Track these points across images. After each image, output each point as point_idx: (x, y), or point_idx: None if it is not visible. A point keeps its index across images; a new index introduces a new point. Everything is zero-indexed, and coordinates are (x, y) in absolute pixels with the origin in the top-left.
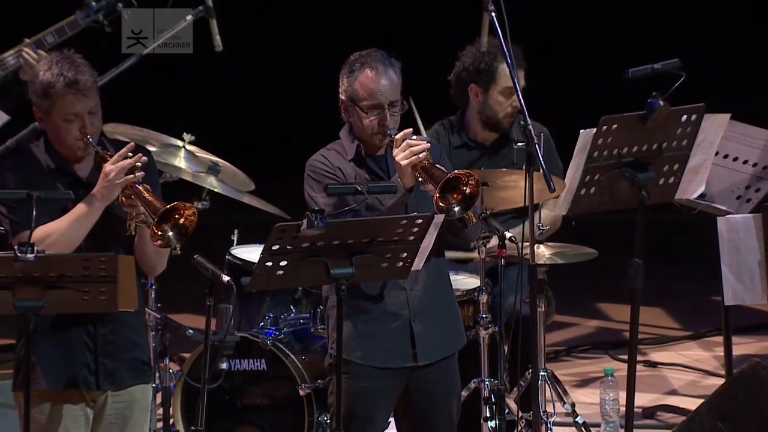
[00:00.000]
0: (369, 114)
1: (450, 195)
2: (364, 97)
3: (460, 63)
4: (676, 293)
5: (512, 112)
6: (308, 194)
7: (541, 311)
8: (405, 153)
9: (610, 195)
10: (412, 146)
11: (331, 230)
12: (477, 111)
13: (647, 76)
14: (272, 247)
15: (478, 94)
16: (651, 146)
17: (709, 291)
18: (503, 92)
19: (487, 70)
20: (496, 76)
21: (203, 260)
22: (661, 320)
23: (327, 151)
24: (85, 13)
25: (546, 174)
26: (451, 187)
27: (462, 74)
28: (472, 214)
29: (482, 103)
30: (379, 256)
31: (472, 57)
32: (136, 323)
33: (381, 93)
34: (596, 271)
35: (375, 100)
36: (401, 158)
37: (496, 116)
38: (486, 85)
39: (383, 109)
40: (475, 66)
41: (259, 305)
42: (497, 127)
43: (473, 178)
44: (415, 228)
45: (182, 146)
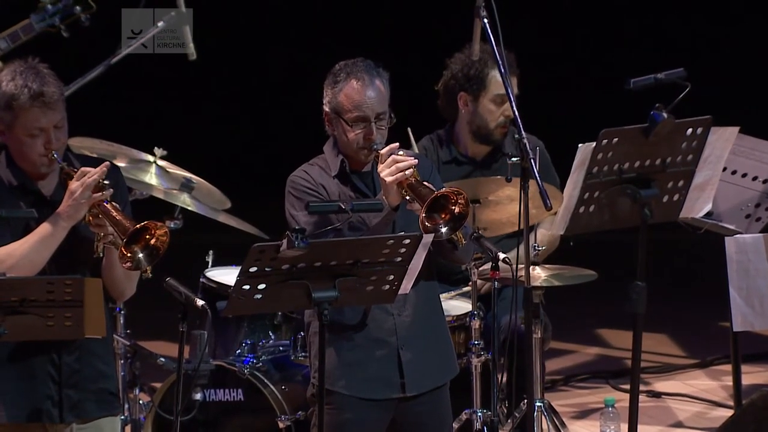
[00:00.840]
0: (354, 127)
1: (437, 215)
2: (349, 109)
3: (448, 71)
4: (682, 318)
5: (504, 122)
6: (289, 212)
7: (537, 337)
8: (390, 170)
9: (611, 213)
10: (398, 162)
11: (313, 251)
12: (467, 121)
13: (650, 87)
14: (250, 269)
15: (468, 102)
16: (654, 161)
17: (716, 316)
18: (494, 100)
19: (477, 77)
20: (487, 83)
21: (176, 283)
22: (665, 347)
23: (309, 167)
24: (41, 17)
25: (542, 191)
26: (438, 207)
27: (450, 83)
28: (462, 235)
29: (472, 113)
30: (364, 278)
31: (461, 64)
32: (104, 351)
33: (367, 105)
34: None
35: (361, 112)
36: (386, 175)
37: (486, 126)
38: (476, 93)
39: (369, 122)
40: (464, 73)
41: (236, 331)
42: (488, 138)
43: (462, 197)
44: (402, 249)
45: (153, 161)
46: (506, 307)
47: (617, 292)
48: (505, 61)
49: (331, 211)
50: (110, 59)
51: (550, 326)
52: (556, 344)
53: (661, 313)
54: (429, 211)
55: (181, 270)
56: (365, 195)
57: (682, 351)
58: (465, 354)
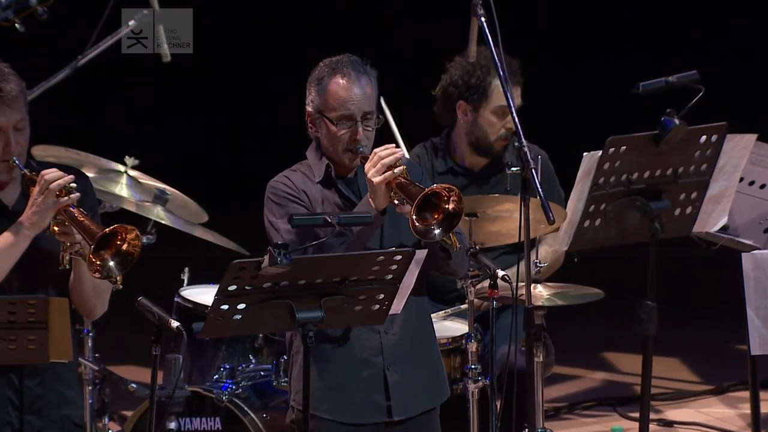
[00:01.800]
0: (339, 127)
1: (429, 214)
2: (334, 107)
3: (448, 76)
4: (695, 341)
5: (506, 134)
6: (268, 221)
7: (538, 361)
8: (377, 168)
9: (619, 228)
10: (383, 158)
11: (297, 268)
12: (465, 132)
13: (660, 91)
14: (228, 287)
15: (467, 112)
16: (665, 171)
17: (733, 338)
18: (496, 112)
19: (479, 86)
20: (489, 93)
21: (148, 303)
22: (677, 372)
23: (291, 173)
24: None
25: (544, 203)
26: (430, 206)
27: (449, 89)
28: (456, 239)
29: (471, 123)
30: (352, 298)
31: (462, 70)
32: (69, 376)
33: (353, 102)
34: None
35: (346, 110)
36: (373, 174)
37: (486, 139)
38: (476, 103)
39: (355, 121)
40: (465, 80)
41: (213, 355)
42: (487, 151)
43: (455, 194)
44: (393, 265)
45: (124, 171)
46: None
47: (625, 313)
48: (504, 65)
49: (316, 224)
50: (77, 61)
51: (553, 349)
52: (560, 369)
53: (673, 335)
54: (420, 211)
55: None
56: (351, 202)
57: (695, 376)
58: (461, 379)
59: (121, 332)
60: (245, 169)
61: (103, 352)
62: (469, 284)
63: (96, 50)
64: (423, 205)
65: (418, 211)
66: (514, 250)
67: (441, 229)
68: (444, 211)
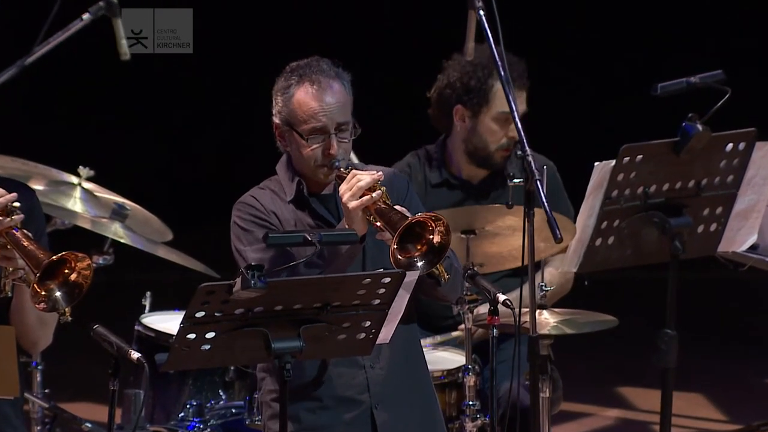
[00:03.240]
0: (310, 141)
1: (412, 245)
2: (304, 120)
3: (445, 76)
4: (721, 374)
5: (507, 144)
6: (235, 248)
7: (544, 397)
8: (353, 191)
9: (634, 247)
10: (360, 181)
11: (273, 292)
12: (462, 139)
13: (681, 93)
14: (196, 313)
15: (465, 118)
16: (686, 183)
17: (763, 372)
18: (498, 118)
19: (479, 89)
20: (490, 97)
21: (105, 331)
22: (701, 409)
23: (259, 191)
24: None
25: (551, 219)
26: (413, 236)
27: (446, 91)
28: (444, 270)
29: (469, 130)
30: (335, 325)
31: (461, 70)
32: (14, 414)
33: (325, 113)
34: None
35: (317, 122)
36: (348, 198)
37: (485, 148)
38: (476, 108)
39: (328, 134)
40: (464, 82)
41: (179, 390)
42: (486, 162)
43: (442, 224)
44: (381, 289)
45: (78, 184)
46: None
47: (642, 342)
48: (505, 64)
49: (294, 243)
50: (24, 59)
51: (561, 383)
52: (568, 405)
53: (696, 367)
54: (402, 242)
55: (112, 315)
56: (327, 223)
57: (721, 414)
58: (458, 417)
59: (74, 365)
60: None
61: (53, 388)
62: (466, 310)
63: (46, 47)
64: (405, 235)
65: (399, 241)
66: (517, 272)
67: (425, 262)
68: (428, 242)
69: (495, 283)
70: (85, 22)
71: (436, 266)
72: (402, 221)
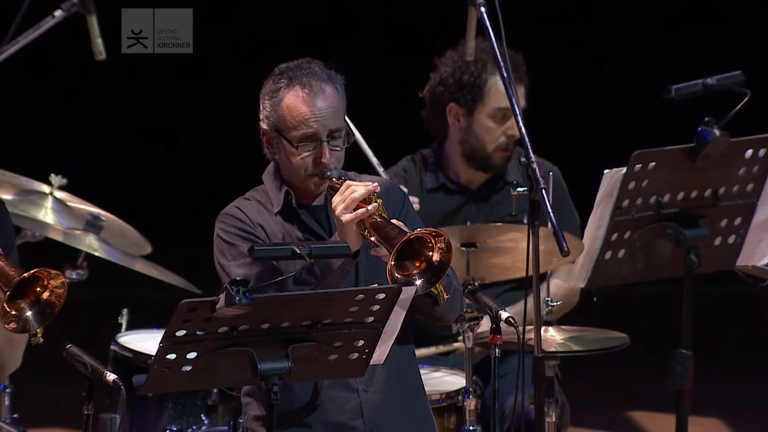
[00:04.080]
0: (301, 149)
1: (410, 263)
2: (293, 126)
3: (437, 74)
4: (740, 397)
5: (507, 143)
6: (218, 262)
7: (550, 421)
8: (346, 203)
9: (646, 260)
10: (354, 192)
11: (260, 309)
12: (458, 140)
13: (697, 95)
14: (176, 332)
15: (460, 116)
16: (703, 192)
17: None
18: (493, 115)
19: (473, 84)
20: (485, 93)
21: (79, 352)
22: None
23: (245, 202)
24: None
25: (557, 231)
26: (412, 252)
27: (438, 89)
28: (443, 289)
29: (464, 130)
30: (326, 344)
31: (453, 66)
32: None
33: (316, 119)
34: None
35: (308, 128)
36: (342, 211)
37: (483, 148)
38: (470, 105)
39: (320, 141)
40: (456, 78)
41: (158, 415)
42: (485, 163)
43: (443, 240)
44: (375, 306)
45: (49, 193)
46: (510, 384)
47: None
48: (508, 63)
49: (282, 256)
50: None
51: (568, 407)
52: (576, 430)
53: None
54: (399, 258)
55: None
56: (317, 236)
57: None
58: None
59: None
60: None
61: (23, 412)
62: (466, 328)
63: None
64: (403, 251)
65: (396, 258)
66: (521, 287)
67: (423, 281)
68: (427, 260)
69: (497, 299)
70: (58, 19)
71: (435, 285)
72: (400, 236)
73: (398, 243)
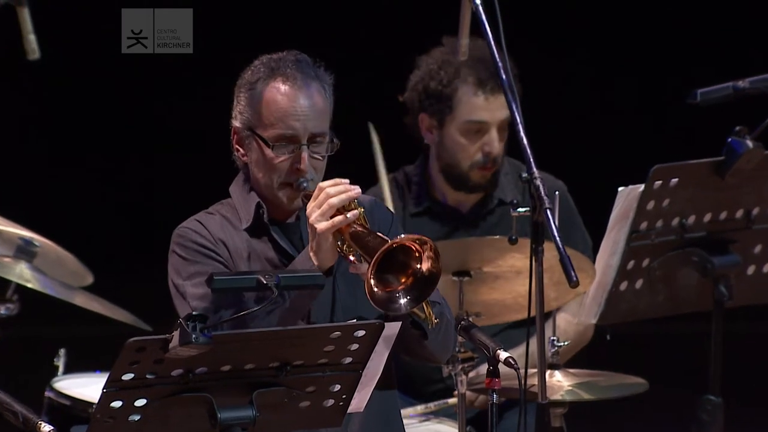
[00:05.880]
0: (277, 150)
1: (394, 277)
2: (270, 123)
3: (414, 77)
4: None
5: (484, 161)
6: (172, 283)
7: None
8: (322, 209)
9: (668, 292)
10: (332, 197)
11: (220, 348)
12: (436, 156)
13: (726, 101)
14: (122, 376)
15: (432, 129)
16: (734, 213)
17: None
18: (465, 129)
19: (440, 94)
20: (454, 104)
21: (8, 398)
22: None
23: (207, 216)
24: None
25: (565, 258)
26: (396, 266)
27: (410, 96)
28: (431, 312)
29: (438, 144)
30: (297, 389)
31: (425, 69)
32: None
33: (297, 117)
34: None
35: (287, 128)
36: (317, 218)
37: (457, 165)
38: (440, 116)
39: (299, 145)
40: (425, 84)
41: None
42: (462, 183)
43: (430, 248)
44: (353, 344)
45: None
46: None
47: (679, 411)
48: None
49: (245, 287)
50: None
51: None
52: None
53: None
54: (381, 272)
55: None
56: (289, 257)
57: None
58: None
59: None
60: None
61: None
62: (459, 371)
63: None
64: (386, 265)
65: (377, 271)
66: (523, 324)
67: (409, 299)
68: (414, 273)
69: (495, 337)
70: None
71: (422, 304)
72: (381, 245)
73: (378, 253)
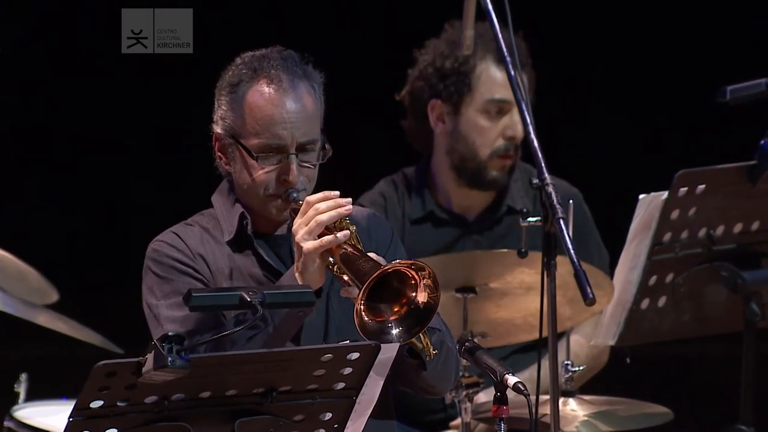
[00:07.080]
0: (261, 161)
1: (387, 306)
2: (255, 131)
3: (416, 69)
4: None
5: (506, 148)
6: (146, 302)
7: None
8: (309, 227)
9: (695, 310)
10: (320, 213)
11: (198, 373)
12: (445, 151)
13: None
14: (91, 403)
15: (444, 116)
16: (766, 223)
17: None
18: (486, 109)
19: (457, 72)
20: (473, 81)
21: None
22: None
23: (185, 228)
24: None
25: (580, 273)
26: (389, 292)
27: (417, 85)
28: (429, 342)
29: (451, 133)
30: (284, 418)
31: (434, 53)
32: None
33: (284, 124)
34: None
35: (273, 136)
36: (303, 236)
37: (475, 156)
38: (456, 99)
39: (287, 154)
40: (437, 67)
41: None
42: (479, 178)
43: (428, 275)
44: (347, 368)
45: None
46: None
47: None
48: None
49: (227, 305)
50: None
51: None
52: None
53: None
54: (374, 300)
55: None
56: (276, 274)
57: None
58: None
59: None
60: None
61: None
62: (463, 397)
63: None
64: (378, 291)
65: (369, 299)
66: (533, 346)
67: (401, 330)
68: (409, 302)
69: (503, 360)
70: None
71: (417, 336)
72: (373, 270)
73: (369, 279)
